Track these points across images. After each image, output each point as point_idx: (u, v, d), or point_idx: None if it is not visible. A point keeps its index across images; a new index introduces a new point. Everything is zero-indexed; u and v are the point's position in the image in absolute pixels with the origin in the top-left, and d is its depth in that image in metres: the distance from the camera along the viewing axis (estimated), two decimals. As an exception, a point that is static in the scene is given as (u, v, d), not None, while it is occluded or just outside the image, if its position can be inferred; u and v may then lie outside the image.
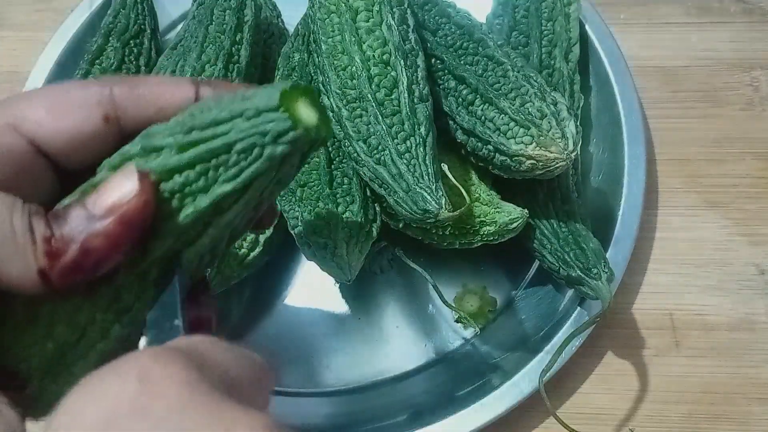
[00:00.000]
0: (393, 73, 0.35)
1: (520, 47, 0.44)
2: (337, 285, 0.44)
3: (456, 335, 0.43)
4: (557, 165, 0.35)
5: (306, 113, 0.20)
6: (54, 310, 0.21)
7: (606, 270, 0.37)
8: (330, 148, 0.39)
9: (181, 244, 0.22)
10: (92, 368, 0.17)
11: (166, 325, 0.22)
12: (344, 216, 0.37)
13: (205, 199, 0.21)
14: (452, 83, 0.39)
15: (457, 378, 0.41)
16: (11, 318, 0.21)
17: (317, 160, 0.39)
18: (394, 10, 0.37)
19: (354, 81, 0.35)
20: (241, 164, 0.21)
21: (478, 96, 0.37)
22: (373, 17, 0.36)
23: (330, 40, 0.37)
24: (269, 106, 0.20)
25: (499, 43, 0.40)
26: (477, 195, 0.39)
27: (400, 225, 0.40)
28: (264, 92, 0.20)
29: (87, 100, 0.22)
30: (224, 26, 0.43)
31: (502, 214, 0.38)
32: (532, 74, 0.38)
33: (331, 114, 0.37)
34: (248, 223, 0.24)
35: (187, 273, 0.23)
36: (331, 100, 0.36)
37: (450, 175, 0.36)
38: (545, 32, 0.44)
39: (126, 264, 0.21)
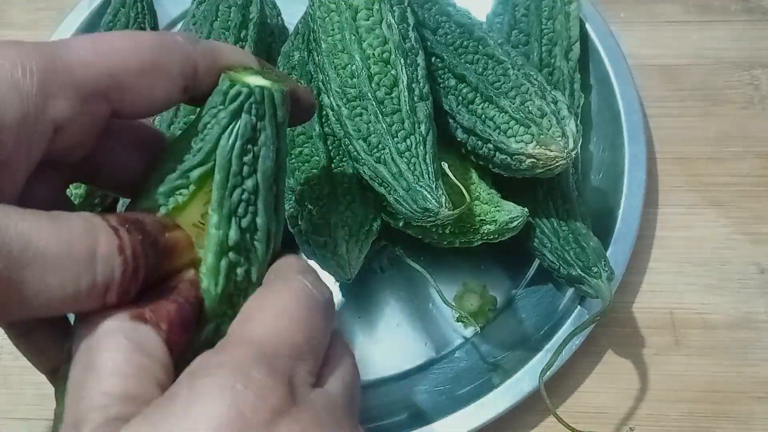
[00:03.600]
0: (393, 72, 0.35)
1: (520, 46, 0.44)
2: (337, 284, 0.44)
3: (456, 334, 0.43)
4: (557, 164, 0.35)
5: (251, 79, 0.22)
6: None
7: (606, 269, 0.37)
8: (330, 147, 0.39)
9: None
10: None
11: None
12: (344, 215, 0.37)
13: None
14: (452, 82, 0.38)
15: (457, 377, 0.41)
16: None
17: (317, 159, 0.39)
18: (394, 8, 0.36)
19: (354, 79, 0.35)
20: (207, 138, 0.22)
21: (478, 94, 0.37)
22: (373, 16, 0.36)
23: (330, 38, 0.37)
24: (219, 89, 0.22)
25: (499, 41, 0.40)
26: (477, 194, 0.39)
27: (401, 224, 0.39)
28: None
29: (173, 70, 0.22)
30: (229, 23, 0.42)
31: (502, 213, 0.38)
32: (532, 73, 0.38)
33: (331, 113, 0.37)
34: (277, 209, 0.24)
35: None
36: (331, 98, 0.36)
37: (450, 174, 0.36)
38: (545, 31, 0.44)
39: None
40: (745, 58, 0.51)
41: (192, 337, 0.21)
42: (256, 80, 0.22)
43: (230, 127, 0.22)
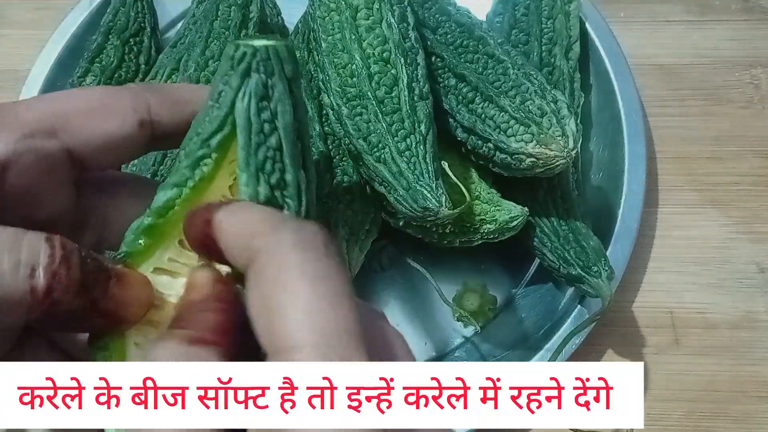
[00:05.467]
0: (393, 71, 0.35)
1: (520, 45, 0.44)
2: (337, 283, 0.44)
3: (456, 333, 0.43)
4: (557, 163, 0.35)
5: (257, 42, 0.22)
6: None
7: (606, 268, 0.37)
8: (330, 146, 0.39)
9: None
10: None
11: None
12: (344, 214, 0.37)
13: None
14: (452, 81, 0.38)
15: (457, 376, 0.41)
16: None
17: (317, 158, 0.39)
18: (394, 8, 0.36)
19: (354, 79, 0.35)
20: (221, 103, 0.22)
21: (478, 94, 0.37)
22: (373, 15, 0.36)
23: (330, 38, 0.37)
24: (225, 55, 0.23)
25: (499, 41, 0.40)
26: (477, 193, 0.39)
27: (401, 223, 0.39)
28: None
29: (123, 104, 0.23)
30: (229, 22, 0.42)
31: (502, 212, 0.38)
32: (532, 72, 0.38)
33: (331, 112, 0.37)
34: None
35: None
36: (331, 98, 0.36)
37: (450, 173, 0.36)
38: (545, 30, 0.44)
39: None
40: (745, 57, 0.51)
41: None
42: (260, 42, 0.23)
43: (242, 88, 0.22)
